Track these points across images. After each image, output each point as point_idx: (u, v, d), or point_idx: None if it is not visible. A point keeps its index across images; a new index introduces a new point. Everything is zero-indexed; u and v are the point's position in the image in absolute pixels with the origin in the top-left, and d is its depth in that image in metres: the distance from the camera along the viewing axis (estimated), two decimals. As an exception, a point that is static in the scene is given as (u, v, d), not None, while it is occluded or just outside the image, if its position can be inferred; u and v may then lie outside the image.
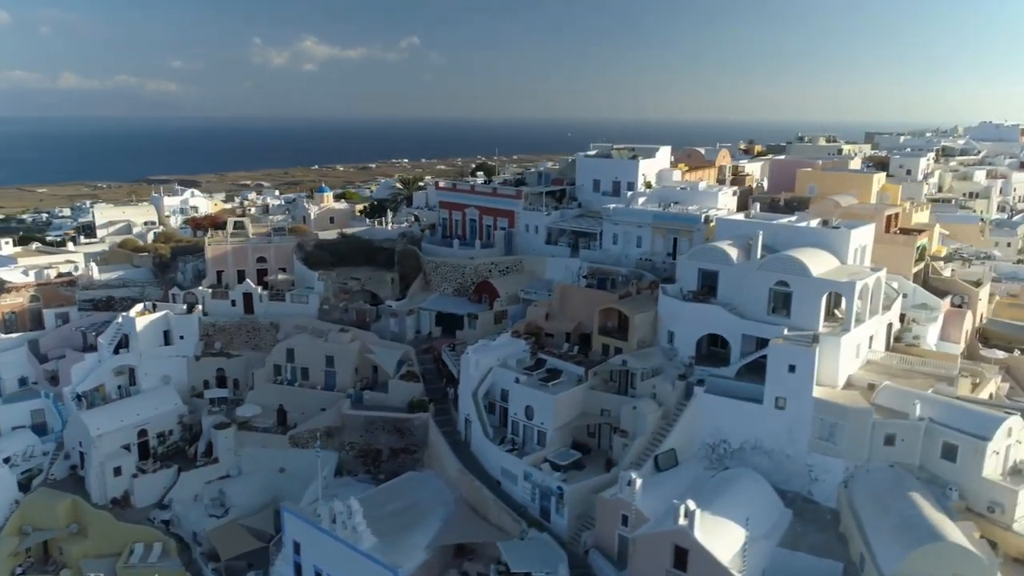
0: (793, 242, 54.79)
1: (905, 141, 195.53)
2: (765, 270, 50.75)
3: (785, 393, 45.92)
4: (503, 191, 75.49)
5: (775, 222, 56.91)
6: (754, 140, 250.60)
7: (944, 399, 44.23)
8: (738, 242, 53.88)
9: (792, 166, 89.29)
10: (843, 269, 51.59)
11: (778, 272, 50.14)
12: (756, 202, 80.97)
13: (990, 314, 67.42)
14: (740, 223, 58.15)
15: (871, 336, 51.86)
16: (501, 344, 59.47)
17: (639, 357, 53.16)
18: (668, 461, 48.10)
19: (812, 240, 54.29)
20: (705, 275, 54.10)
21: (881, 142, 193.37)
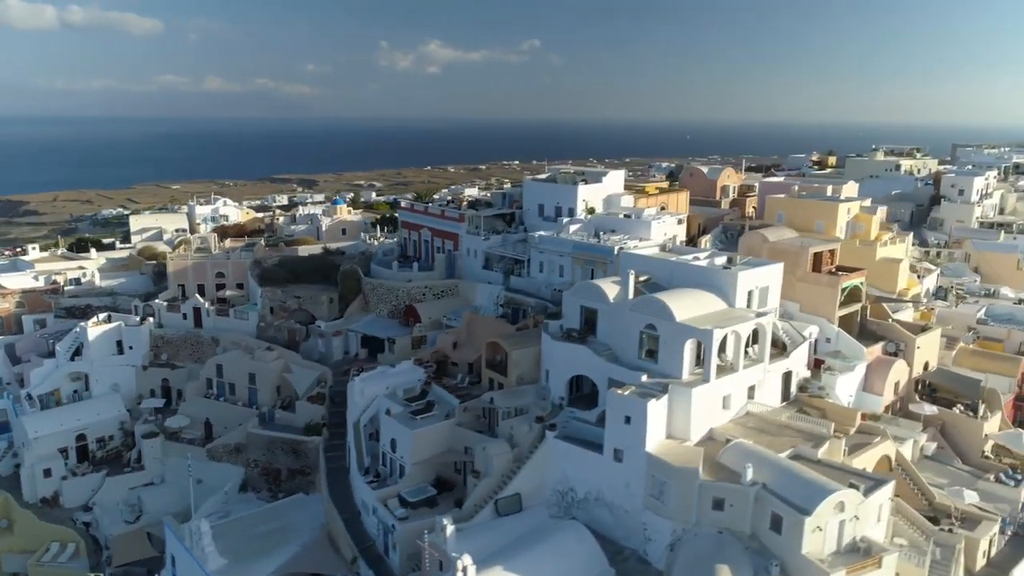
0: (686, 281, 52.41)
1: (989, 155, 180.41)
2: (636, 311, 48.72)
3: (622, 445, 43.94)
4: (449, 213, 75.65)
5: (673, 259, 54.30)
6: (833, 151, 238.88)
7: (784, 464, 41.02)
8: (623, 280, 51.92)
9: (779, 189, 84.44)
10: (724, 313, 48.73)
11: (646, 315, 48.07)
12: (727, 230, 77.81)
13: (953, 362, 61.45)
14: (642, 258, 55.95)
15: (752, 386, 48.62)
16: (399, 372, 59.86)
17: (507, 396, 52.24)
18: (510, 506, 47.01)
19: (702, 280, 51.64)
20: (586, 313, 52.46)
21: (962, 155, 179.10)
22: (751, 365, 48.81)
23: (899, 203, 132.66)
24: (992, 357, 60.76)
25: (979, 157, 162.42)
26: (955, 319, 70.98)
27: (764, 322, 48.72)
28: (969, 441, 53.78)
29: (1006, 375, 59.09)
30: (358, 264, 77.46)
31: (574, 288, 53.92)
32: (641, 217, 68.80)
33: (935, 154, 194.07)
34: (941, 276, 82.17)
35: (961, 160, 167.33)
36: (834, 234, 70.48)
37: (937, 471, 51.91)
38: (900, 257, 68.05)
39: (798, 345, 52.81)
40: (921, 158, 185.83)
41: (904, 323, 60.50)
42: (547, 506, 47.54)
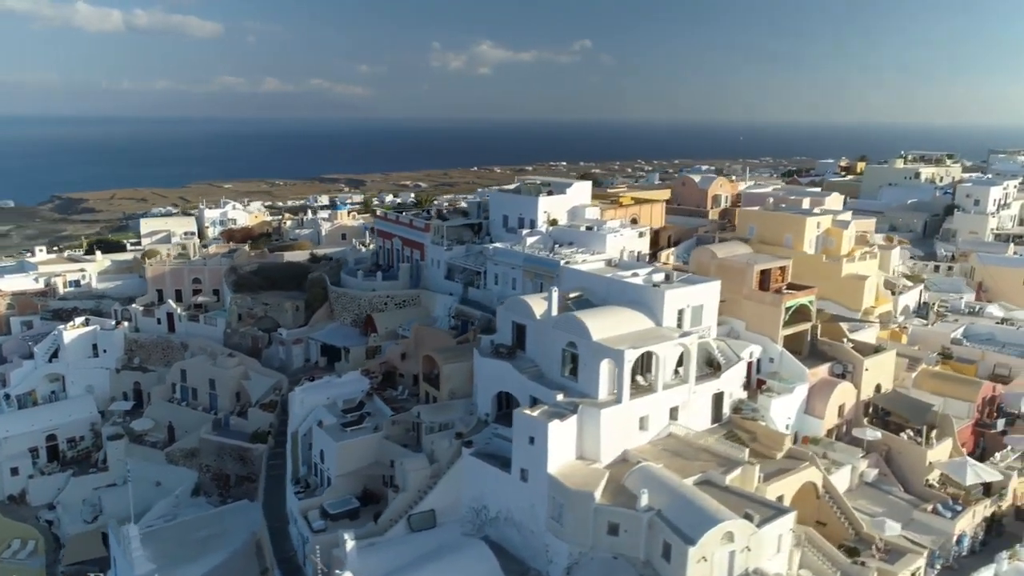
0: (620, 298, 51.95)
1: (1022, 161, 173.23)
2: (558, 329, 48.40)
3: (527, 466, 43.77)
4: (417, 223, 76.10)
5: (608, 275, 53.73)
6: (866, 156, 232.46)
7: (681, 490, 40.24)
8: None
9: (760, 201, 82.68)
10: (647, 332, 48.08)
11: (566, 332, 47.70)
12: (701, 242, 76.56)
13: (913, 384, 59.38)
14: (581, 273, 55.63)
15: (675, 407, 47.82)
16: (343, 382, 60.65)
17: (434, 410, 52.42)
18: (424, 522, 47.16)
19: (633, 298, 51.06)
20: (517, 328, 52.30)
21: (993, 162, 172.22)
22: (675, 385, 48.08)
23: (912, 213, 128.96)
24: (952, 380, 58.55)
25: (1005, 165, 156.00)
26: (929, 338, 68.68)
27: (688, 342, 47.82)
28: (913, 468, 51.95)
29: (965, 400, 56.88)
30: (331, 272, 78.48)
31: (506, 303, 53.85)
32: (600, 230, 68.13)
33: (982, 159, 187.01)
34: (927, 292, 79.42)
35: (992, 167, 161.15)
36: (802, 248, 68.85)
37: (875, 499, 50.38)
38: (867, 274, 65.91)
39: (732, 365, 51.76)
40: (952, 164, 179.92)
41: (860, 343, 58.74)
42: (462, 523, 47.56)
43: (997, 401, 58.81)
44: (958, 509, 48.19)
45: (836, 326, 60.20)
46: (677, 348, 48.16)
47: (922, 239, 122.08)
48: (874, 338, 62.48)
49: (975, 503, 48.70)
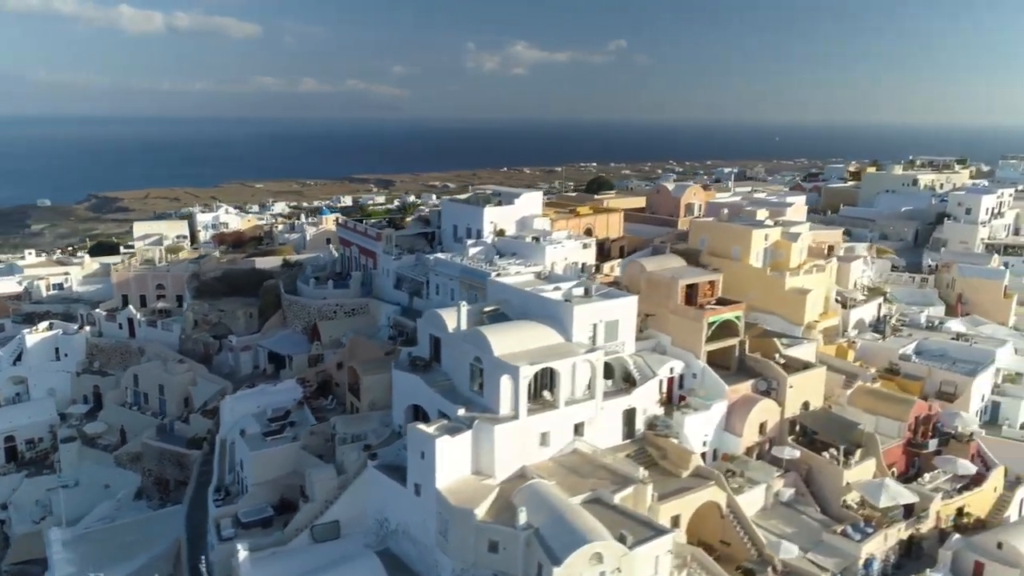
0: (537, 312, 52.05)
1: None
2: (466, 343, 48.69)
3: (420, 480, 44.10)
4: (370, 231, 76.82)
5: (528, 289, 53.82)
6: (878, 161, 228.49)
7: (560, 509, 40.19)
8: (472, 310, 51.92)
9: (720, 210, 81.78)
10: (552, 348, 48.12)
11: (472, 347, 47.96)
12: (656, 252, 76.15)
13: (848, 401, 58.49)
14: (504, 286, 55.80)
15: (580, 423, 47.77)
16: (278, 390, 61.55)
17: (349, 421, 53.05)
18: (327, 533, 47.78)
19: (547, 312, 51.14)
20: (434, 341, 52.64)
21: (1004, 168, 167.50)
22: (580, 401, 48.04)
23: (904, 221, 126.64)
24: (885, 399, 57.56)
25: (1005, 172, 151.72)
26: (879, 354, 67.60)
27: (593, 358, 47.76)
28: (832, 489, 51.21)
29: (896, 419, 55.88)
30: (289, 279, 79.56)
31: (424, 316, 54.18)
32: (544, 241, 68.19)
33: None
34: (889, 305, 77.94)
35: (996, 174, 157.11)
36: (749, 261, 68.23)
37: (789, 519, 49.81)
38: (811, 288, 65.01)
39: (646, 381, 51.56)
40: (961, 170, 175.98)
41: (792, 359, 58.01)
42: (365, 535, 48.07)
43: (933, 420, 57.64)
44: (868, 531, 47.43)
45: (770, 341, 59.55)
46: (583, 364, 48.13)
47: (913, 248, 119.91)
48: (813, 353, 61.71)
49: (888, 525, 47.87)
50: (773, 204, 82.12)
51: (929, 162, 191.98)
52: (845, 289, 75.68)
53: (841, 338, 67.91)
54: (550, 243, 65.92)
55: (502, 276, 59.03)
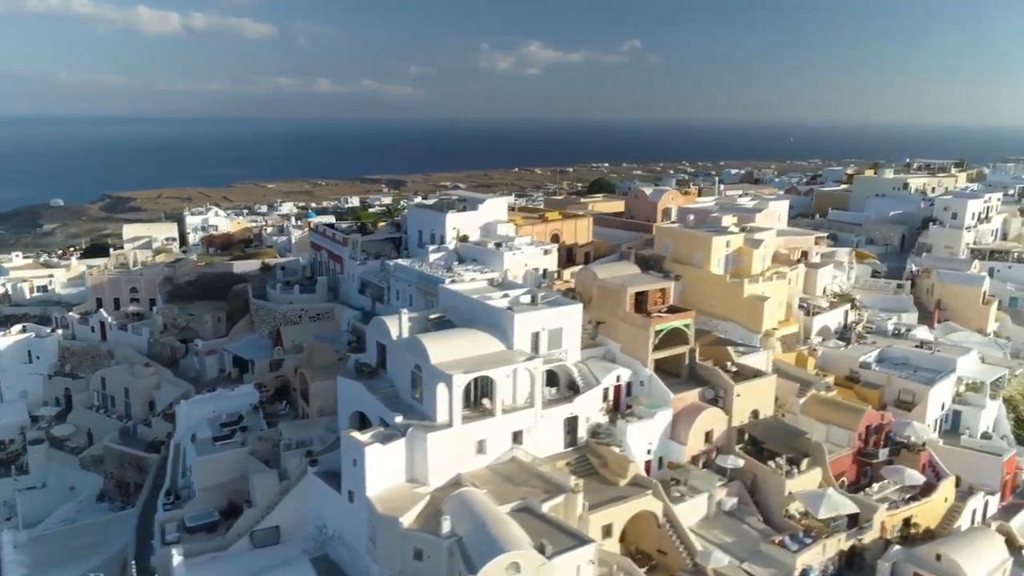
0: (483, 319, 52.30)
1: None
2: (407, 351, 49.03)
3: (353, 487, 44.51)
4: (338, 236, 77.28)
5: (475, 296, 54.05)
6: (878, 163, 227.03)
7: (483, 518, 40.41)
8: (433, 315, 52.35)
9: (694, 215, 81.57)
10: (491, 356, 48.33)
11: (411, 354, 48.29)
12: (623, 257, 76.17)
13: (801, 410, 58.31)
14: (453, 293, 56.08)
15: (519, 431, 48.00)
16: (235, 395, 62.12)
17: (295, 427, 53.51)
18: (267, 538, 48.29)
19: (491, 320, 51.37)
20: (381, 348, 53.00)
21: (1000, 171, 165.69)
22: (519, 409, 48.25)
23: (891, 226, 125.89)
24: (837, 408, 57.33)
25: (997, 176, 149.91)
26: (840, 362, 67.34)
27: (531, 366, 47.94)
28: (775, 498, 51.14)
29: (846, 427, 55.67)
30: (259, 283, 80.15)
31: (371, 322, 54.54)
32: (506, 247, 68.30)
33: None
34: (856, 311, 77.52)
35: (988, 177, 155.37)
36: (709, 268, 68.15)
37: (730, 529, 49.83)
38: (769, 295, 64.83)
39: (590, 389, 51.72)
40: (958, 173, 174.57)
41: (744, 367, 57.94)
42: (305, 541, 48.53)
43: (886, 430, 57.40)
44: (807, 542, 47.33)
45: (722, 349, 59.51)
46: (523, 372, 48.33)
47: (899, 253, 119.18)
48: (769, 361, 61.58)
49: (827, 536, 47.75)
50: (743, 210, 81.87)
51: (925, 165, 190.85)
52: (812, 296, 75.43)
53: (802, 345, 67.67)
54: (509, 249, 66.07)
55: (456, 283, 59.33)
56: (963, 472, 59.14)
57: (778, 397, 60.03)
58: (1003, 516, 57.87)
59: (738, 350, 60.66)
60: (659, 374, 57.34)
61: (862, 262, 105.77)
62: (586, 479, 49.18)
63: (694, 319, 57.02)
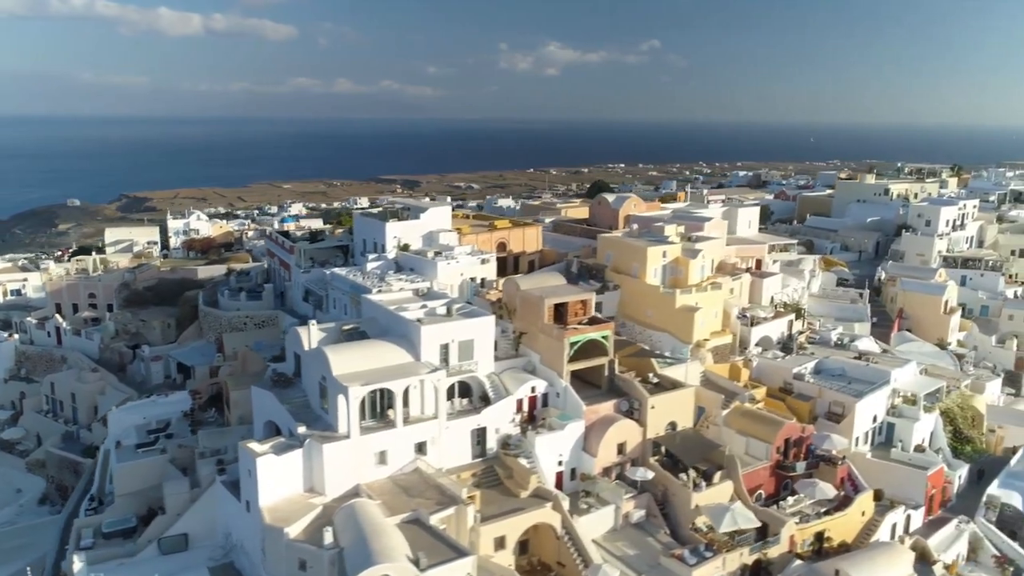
0: (394, 331, 52.93)
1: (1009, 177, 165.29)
2: (314, 361, 49.76)
3: (249, 497, 45.19)
4: (287, 244, 78.21)
5: (392, 307, 54.64)
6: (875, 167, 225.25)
7: (365, 530, 40.95)
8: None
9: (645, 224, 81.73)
10: (393, 368, 48.90)
11: (317, 366, 49.00)
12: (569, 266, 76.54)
13: (724, 422, 58.40)
14: (372, 304, 56.77)
15: (422, 442, 48.53)
16: (168, 401, 63.15)
17: (214, 435, 54.33)
18: (174, 545, 49.06)
19: (402, 331, 51.99)
20: (297, 358, 53.74)
21: (992, 176, 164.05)
22: (422, 420, 48.79)
23: (865, 232, 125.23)
24: (756, 419, 57.36)
25: (978, 182, 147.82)
26: (776, 373, 67.24)
27: (434, 378, 48.47)
28: (683, 511, 51.35)
29: (763, 440, 55.71)
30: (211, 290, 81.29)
31: (288, 332, 55.27)
32: (445, 255, 68.80)
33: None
34: (802, 321, 77.27)
35: (971, 184, 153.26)
36: (645, 278, 68.37)
37: (634, 542, 50.19)
38: (699, 306, 64.88)
39: (501, 400, 52.19)
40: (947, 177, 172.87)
41: (666, 379, 58.14)
42: (212, 549, 49.30)
43: (806, 442, 57.37)
44: (707, 556, 47.51)
45: (646, 361, 59.74)
46: (428, 384, 48.87)
47: (874, 260, 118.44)
48: (696, 372, 61.73)
49: (728, 550, 47.89)
50: (692, 219, 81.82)
51: (917, 169, 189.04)
52: (757, 305, 75.34)
53: (738, 356, 67.64)
54: (444, 259, 66.56)
55: (383, 292, 60.02)
56: (888, 486, 59.08)
57: (704, 408, 60.33)
58: (926, 531, 57.70)
59: (664, 361, 60.90)
60: (582, 385, 57.88)
61: (830, 269, 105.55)
62: (491, 490, 49.98)
63: (613, 330, 57.30)
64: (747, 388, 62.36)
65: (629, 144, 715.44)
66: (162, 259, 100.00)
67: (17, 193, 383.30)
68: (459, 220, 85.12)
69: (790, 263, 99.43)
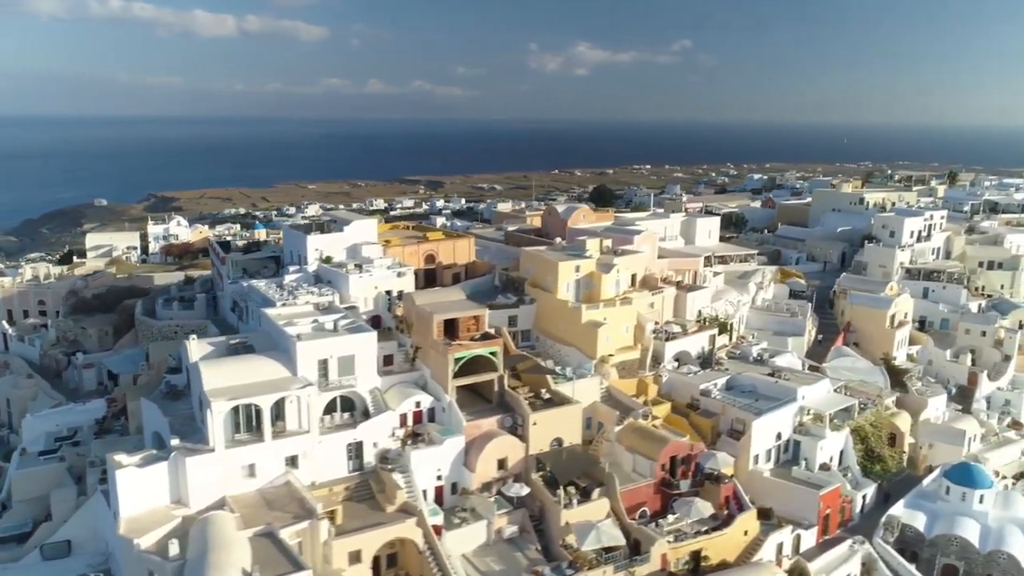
0: (279, 345, 54.25)
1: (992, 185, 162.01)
2: (193, 375, 51.25)
3: (115, 507, 46.68)
4: (220, 254, 79.90)
5: (282, 321, 55.90)
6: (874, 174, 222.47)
7: (209, 543, 42.25)
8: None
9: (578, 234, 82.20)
10: (266, 383, 50.25)
11: (196, 379, 50.49)
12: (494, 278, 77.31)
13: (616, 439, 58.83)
14: (266, 318, 58.11)
15: (294, 456, 49.78)
16: (85, 409, 65.09)
17: (110, 444, 55.89)
18: (56, 551, 50.77)
19: (284, 346, 53.28)
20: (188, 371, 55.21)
21: (949, 192, 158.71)
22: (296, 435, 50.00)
23: (832, 242, 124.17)
24: (644, 436, 57.67)
25: (954, 193, 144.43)
26: (685, 388, 67.39)
27: (303, 393, 49.70)
28: (555, 527, 51.94)
29: (648, 457, 56.05)
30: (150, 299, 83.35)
31: (182, 345, 56.72)
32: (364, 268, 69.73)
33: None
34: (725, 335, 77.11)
35: (951, 194, 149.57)
36: (557, 293, 68.91)
37: (503, 557, 50.94)
38: (603, 321, 65.22)
39: (379, 415, 53.23)
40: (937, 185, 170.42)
41: (558, 394, 58.74)
42: (94, 555, 50.93)
43: (694, 460, 57.55)
44: (568, 573, 48.12)
45: (542, 377, 60.36)
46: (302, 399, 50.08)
47: (839, 271, 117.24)
48: (596, 388, 62.20)
49: (589, 568, 48.44)
50: (621, 232, 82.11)
51: (908, 177, 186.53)
52: (681, 320, 75.43)
53: (648, 371, 67.78)
54: (356, 272, 67.51)
55: (287, 306, 61.27)
56: (781, 505, 59.13)
57: (602, 424, 60.89)
58: (817, 551, 57.58)
59: (562, 377, 61.42)
60: (478, 401, 58.89)
61: (785, 281, 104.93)
62: (363, 504, 51.15)
63: (500, 347, 58.00)
64: (648, 404, 62.62)
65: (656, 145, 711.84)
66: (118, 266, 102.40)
67: (50, 192, 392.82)
68: (393, 232, 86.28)
69: (744, 274, 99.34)
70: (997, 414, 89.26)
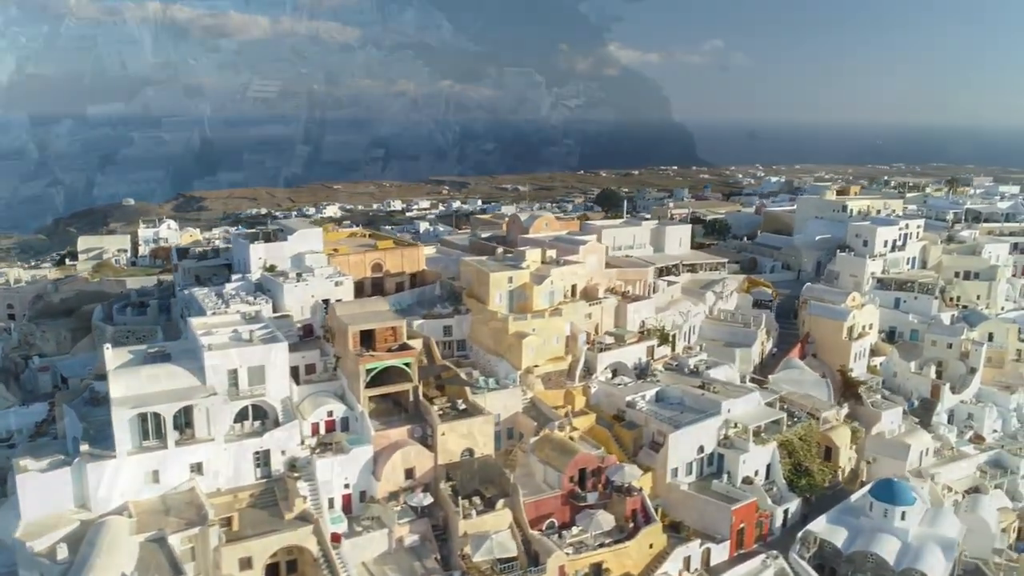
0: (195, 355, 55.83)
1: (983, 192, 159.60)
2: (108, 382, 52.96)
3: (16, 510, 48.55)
4: (174, 261, 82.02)
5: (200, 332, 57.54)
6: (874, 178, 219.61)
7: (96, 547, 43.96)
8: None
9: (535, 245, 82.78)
10: (177, 392, 51.84)
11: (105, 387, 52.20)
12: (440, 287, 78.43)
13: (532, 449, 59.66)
14: (189, 328, 59.77)
15: (199, 463, 51.38)
16: (29, 412, 67.37)
17: (33, 448, 57.89)
18: (-26, 552, 52.72)
19: (197, 355, 54.88)
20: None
21: (931, 201, 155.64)
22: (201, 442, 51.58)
23: (807, 251, 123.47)
24: (554, 448, 58.39)
25: (936, 202, 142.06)
26: (613, 400, 67.94)
27: (206, 403, 51.31)
28: (455, 537, 52.89)
29: (556, 469, 56.77)
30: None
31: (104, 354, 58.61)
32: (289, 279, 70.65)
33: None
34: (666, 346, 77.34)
35: (933, 202, 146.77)
36: (489, 303, 69.86)
37: (401, 566, 52.06)
38: (530, 332, 66.02)
39: (288, 423, 54.61)
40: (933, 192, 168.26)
41: (473, 405, 59.71)
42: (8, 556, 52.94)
43: (604, 472, 58.12)
44: (459, 585, 49.11)
45: (462, 389, 61.36)
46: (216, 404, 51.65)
47: (815, 279, 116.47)
48: (517, 398, 63.06)
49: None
50: (567, 241, 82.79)
51: (901, 183, 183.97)
52: (623, 330, 75.85)
53: (576, 383, 68.37)
54: (292, 281, 68.95)
55: (217, 315, 63.00)
56: (695, 518, 59.59)
57: (523, 435, 61.77)
58: (728, 566, 57.91)
59: (482, 388, 62.34)
60: (396, 411, 60.10)
61: (750, 291, 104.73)
62: (265, 511, 52.47)
63: (415, 358, 59.13)
64: (569, 415, 63.34)
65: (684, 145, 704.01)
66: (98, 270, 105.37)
67: (85, 192, 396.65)
68: (348, 240, 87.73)
69: (707, 284, 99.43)
70: (958, 428, 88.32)
